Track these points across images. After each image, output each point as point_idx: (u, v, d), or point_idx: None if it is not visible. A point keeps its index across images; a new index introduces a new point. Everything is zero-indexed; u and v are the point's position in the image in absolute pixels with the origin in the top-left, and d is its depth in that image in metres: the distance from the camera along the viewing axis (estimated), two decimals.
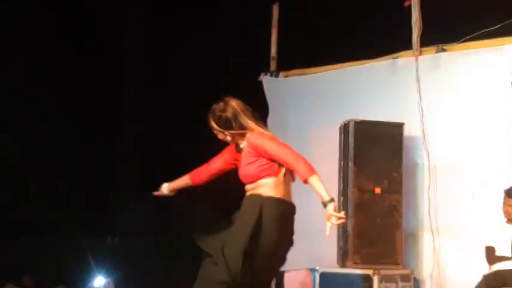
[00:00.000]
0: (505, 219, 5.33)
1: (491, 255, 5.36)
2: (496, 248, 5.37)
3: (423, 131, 6.20)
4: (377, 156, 5.94)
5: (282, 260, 4.01)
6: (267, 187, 3.87)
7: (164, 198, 4.39)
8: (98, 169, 8.66)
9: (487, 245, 5.40)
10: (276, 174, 3.89)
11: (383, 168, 5.95)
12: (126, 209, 8.11)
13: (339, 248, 5.92)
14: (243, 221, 3.82)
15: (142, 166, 9.21)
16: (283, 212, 3.89)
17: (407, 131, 6.09)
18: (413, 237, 6.21)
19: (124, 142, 9.79)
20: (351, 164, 5.88)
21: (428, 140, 6.18)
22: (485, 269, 5.38)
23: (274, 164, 3.88)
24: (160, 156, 8.42)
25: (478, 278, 5.23)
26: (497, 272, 5.26)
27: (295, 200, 4.04)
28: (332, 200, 3.78)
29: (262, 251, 3.77)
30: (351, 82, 6.74)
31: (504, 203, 5.33)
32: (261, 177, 3.88)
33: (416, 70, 6.27)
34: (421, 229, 6.19)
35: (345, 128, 6.00)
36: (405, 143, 6.08)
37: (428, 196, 6.12)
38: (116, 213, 8.36)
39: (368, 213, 5.87)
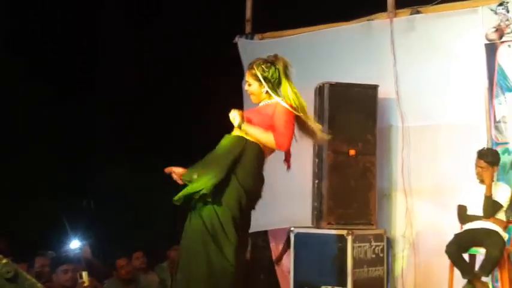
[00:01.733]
0: (478, 180, 5.41)
1: (463, 215, 5.44)
2: (468, 208, 5.44)
3: (397, 93, 6.23)
4: (351, 119, 5.97)
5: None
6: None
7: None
8: (72, 131, 8.58)
9: (459, 204, 5.48)
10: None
11: (357, 130, 5.98)
12: (101, 172, 8.08)
13: (314, 208, 5.96)
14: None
15: (117, 128, 9.15)
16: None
17: (381, 93, 6.11)
18: (386, 198, 6.28)
19: (99, 103, 9.68)
20: (325, 126, 5.89)
21: (403, 101, 6.21)
22: (457, 228, 5.47)
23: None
24: (133, 118, 8.36)
25: (449, 238, 5.33)
26: (468, 231, 5.35)
27: (269, 163, 4.06)
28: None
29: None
30: (326, 44, 6.72)
31: (476, 164, 5.40)
32: None
33: (391, 32, 6.27)
34: (395, 190, 6.26)
35: (319, 91, 6.01)
36: (379, 104, 6.11)
37: (402, 157, 6.17)
38: (91, 176, 8.32)
39: (342, 174, 5.91)
